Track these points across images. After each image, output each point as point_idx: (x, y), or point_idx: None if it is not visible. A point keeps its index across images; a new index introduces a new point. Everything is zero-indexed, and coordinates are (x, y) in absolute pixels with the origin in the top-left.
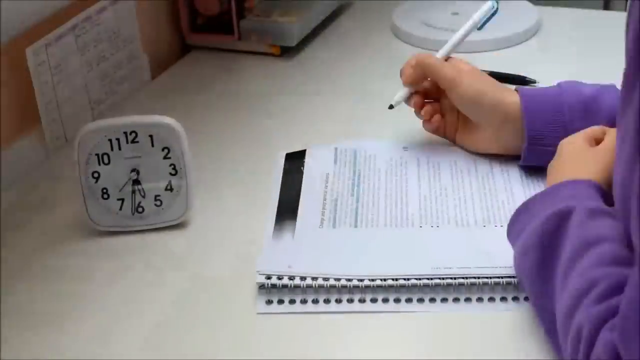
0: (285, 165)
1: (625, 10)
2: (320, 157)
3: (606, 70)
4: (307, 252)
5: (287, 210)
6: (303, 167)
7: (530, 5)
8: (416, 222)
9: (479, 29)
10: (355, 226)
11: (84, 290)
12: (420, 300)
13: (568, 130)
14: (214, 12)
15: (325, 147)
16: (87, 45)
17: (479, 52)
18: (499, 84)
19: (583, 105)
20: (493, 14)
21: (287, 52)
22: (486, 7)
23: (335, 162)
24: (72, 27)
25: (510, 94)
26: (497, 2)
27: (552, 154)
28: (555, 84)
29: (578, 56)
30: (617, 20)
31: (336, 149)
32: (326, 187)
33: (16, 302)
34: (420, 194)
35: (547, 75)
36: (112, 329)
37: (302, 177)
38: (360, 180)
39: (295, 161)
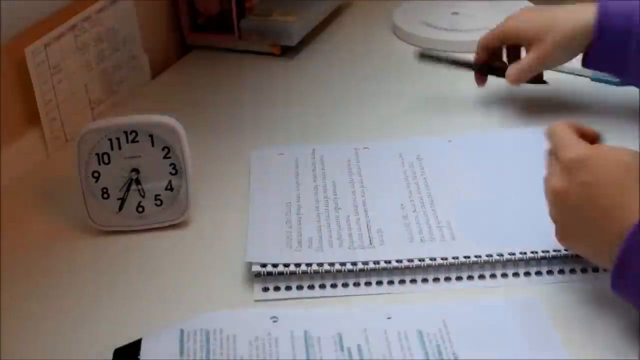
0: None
1: None
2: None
3: None
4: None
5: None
6: None
7: (530, 5)
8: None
9: None
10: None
11: (84, 290)
12: (413, 281)
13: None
14: (214, 11)
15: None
16: (87, 45)
17: None
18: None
19: None
20: None
21: (287, 51)
22: None
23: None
24: (71, 27)
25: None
26: None
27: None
28: None
29: (578, 56)
30: None
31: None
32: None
33: (16, 302)
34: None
35: (547, 74)
36: (113, 329)
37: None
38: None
39: None
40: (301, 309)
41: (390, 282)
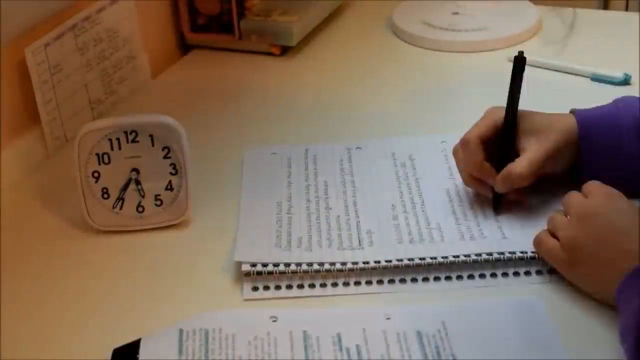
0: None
1: (625, 10)
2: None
3: (606, 70)
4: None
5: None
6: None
7: (530, 5)
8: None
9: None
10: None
11: (83, 290)
12: (402, 280)
13: (624, 151)
14: (214, 11)
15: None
16: (87, 44)
17: (478, 52)
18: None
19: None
20: None
21: (287, 51)
22: None
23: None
24: (71, 27)
25: (565, 122)
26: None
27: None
28: (612, 102)
29: (578, 56)
30: (617, 20)
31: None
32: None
33: (16, 302)
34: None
35: (547, 74)
36: (113, 328)
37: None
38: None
39: None
40: (300, 309)
41: (380, 282)
